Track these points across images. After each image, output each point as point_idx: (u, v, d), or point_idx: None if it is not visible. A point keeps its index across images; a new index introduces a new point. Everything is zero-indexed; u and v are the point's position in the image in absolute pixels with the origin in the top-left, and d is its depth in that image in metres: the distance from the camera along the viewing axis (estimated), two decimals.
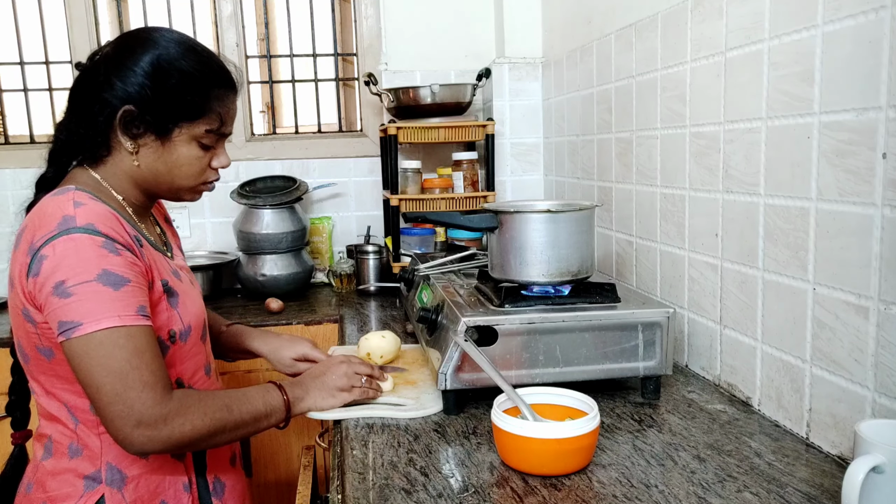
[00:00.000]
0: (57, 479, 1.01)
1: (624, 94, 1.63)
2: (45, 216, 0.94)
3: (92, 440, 1.01)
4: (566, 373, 1.18)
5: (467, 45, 2.50)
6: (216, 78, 1.05)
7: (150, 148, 1.03)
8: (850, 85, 0.92)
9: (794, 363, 1.07)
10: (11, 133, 2.54)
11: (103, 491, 1.00)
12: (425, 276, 1.57)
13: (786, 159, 1.06)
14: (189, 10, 2.52)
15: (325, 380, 1.18)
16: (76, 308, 0.89)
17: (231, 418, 1.00)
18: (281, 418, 1.09)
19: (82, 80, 1.05)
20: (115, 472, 1.01)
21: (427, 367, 1.41)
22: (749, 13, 1.14)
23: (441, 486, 0.92)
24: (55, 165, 1.06)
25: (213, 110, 1.05)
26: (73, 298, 0.89)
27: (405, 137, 2.15)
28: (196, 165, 1.06)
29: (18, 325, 0.99)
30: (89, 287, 0.90)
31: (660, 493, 0.89)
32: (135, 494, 1.02)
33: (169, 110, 1.01)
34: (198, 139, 1.04)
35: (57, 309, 0.90)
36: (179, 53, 1.02)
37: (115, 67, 1.00)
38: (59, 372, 0.99)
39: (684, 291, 1.39)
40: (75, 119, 1.04)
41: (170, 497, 1.05)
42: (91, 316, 0.89)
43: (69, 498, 1.00)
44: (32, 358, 1.00)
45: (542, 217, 1.25)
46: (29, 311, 0.95)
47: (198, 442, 0.97)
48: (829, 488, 0.89)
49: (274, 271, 2.26)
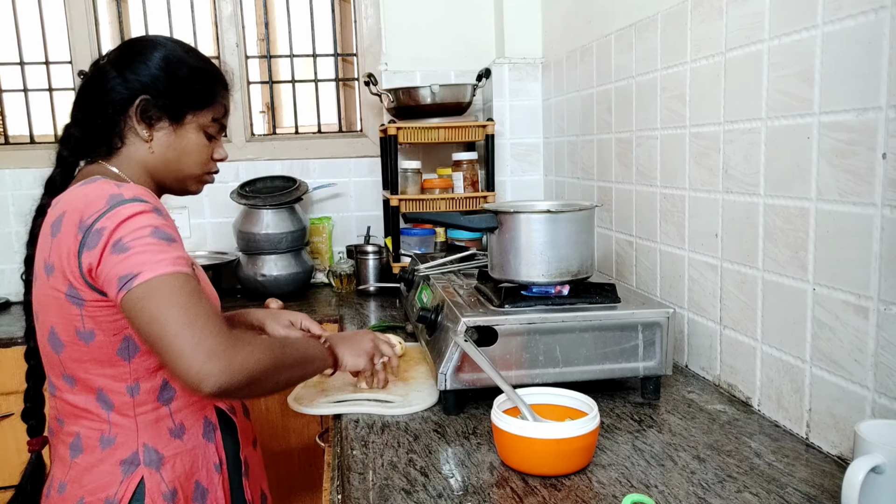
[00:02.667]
0: (93, 472, 1.02)
1: (624, 94, 1.63)
2: (89, 198, 0.97)
3: (127, 424, 1.02)
4: (566, 373, 1.18)
5: (467, 45, 2.50)
6: (217, 74, 1.15)
7: (164, 133, 1.09)
8: (849, 85, 0.92)
9: (794, 363, 1.07)
10: (11, 133, 2.54)
11: (142, 473, 1.02)
12: (425, 277, 1.57)
13: (786, 159, 1.06)
14: (189, 11, 2.52)
15: (354, 339, 1.23)
16: (134, 260, 0.92)
17: (287, 353, 1.02)
18: (327, 364, 1.14)
19: (90, 81, 1.09)
20: (152, 452, 1.03)
21: (421, 364, 1.41)
22: (749, 13, 1.14)
23: (441, 487, 0.92)
24: (62, 167, 1.10)
25: (218, 101, 1.14)
26: (131, 252, 0.92)
27: (405, 138, 2.15)
28: (203, 153, 1.13)
29: (56, 311, 0.99)
30: (145, 241, 0.93)
31: (660, 493, 0.89)
32: (172, 474, 1.03)
33: (181, 97, 1.09)
34: (205, 128, 1.12)
35: (115, 265, 0.92)
36: (184, 51, 1.12)
37: (127, 64, 1.07)
38: (97, 356, 1.00)
39: (684, 291, 1.39)
40: (88, 115, 1.08)
41: (203, 477, 1.08)
42: (149, 265, 0.92)
43: (109, 486, 1.01)
44: (68, 345, 1.00)
45: (542, 217, 1.25)
46: (77, 290, 0.96)
47: (265, 375, 0.96)
48: (829, 488, 0.89)
49: (274, 271, 2.26)
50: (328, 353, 1.15)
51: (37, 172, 2.41)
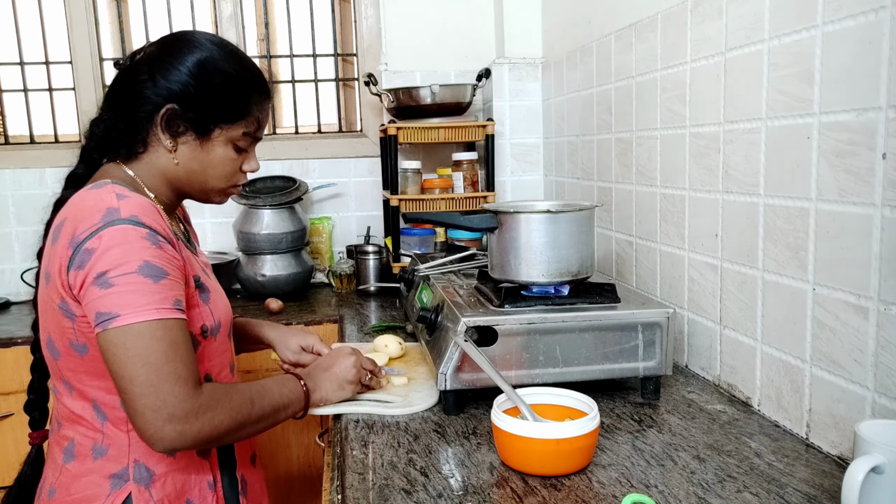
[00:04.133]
0: (81, 481, 1.00)
1: (624, 94, 1.63)
2: (86, 209, 0.93)
3: (120, 437, 1.00)
4: (566, 373, 1.18)
5: (467, 45, 2.50)
6: (255, 82, 1.08)
7: (189, 147, 1.04)
8: (849, 85, 0.92)
9: (794, 363, 1.07)
10: (11, 133, 2.54)
11: (130, 489, 0.99)
12: (425, 277, 1.57)
13: (786, 159, 1.06)
14: (189, 11, 2.53)
15: (335, 372, 1.20)
16: (115, 299, 0.89)
17: (254, 411, 1.01)
18: (298, 409, 1.11)
19: (123, 77, 1.05)
20: (142, 469, 1.00)
21: (422, 365, 1.41)
22: (749, 13, 1.14)
23: (441, 487, 0.92)
24: (86, 162, 1.07)
25: (252, 114, 1.07)
26: (114, 289, 0.89)
27: (405, 138, 2.15)
28: (229, 167, 1.08)
29: (52, 320, 0.98)
30: (130, 279, 0.90)
31: (660, 493, 0.89)
32: (162, 493, 1.01)
33: (211, 110, 1.03)
34: (234, 142, 1.06)
35: (96, 300, 0.90)
36: (222, 56, 1.04)
37: (159, 65, 1.02)
38: (90, 368, 0.98)
39: (684, 291, 1.39)
40: (114, 114, 1.05)
41: (195, 496, 1.05)
42: (130, 308, 0.89)
43: (96, 499, 0.99)
44: (64, 354, 0.99)
45: (542, 217, 1.25)
46: (68, 304, 0.94)
47: (223, 436, 0.97)
48: (829, 488, 0.89)
49: (274, 271, 2.26)
50: (303, 397, 1.12)
51: (37, 172, 2.45)
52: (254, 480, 1.19)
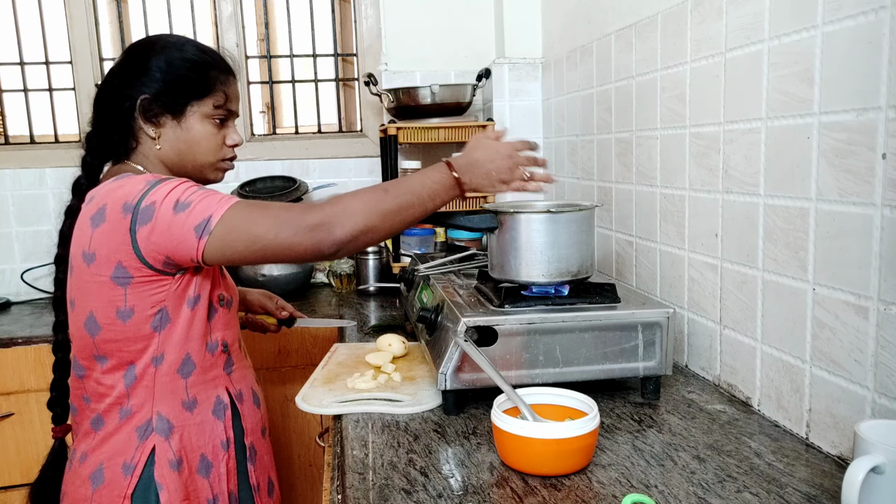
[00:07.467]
0: (112, 439, 1.10)
1: (624, 94, 1.63)
2: (126, 185, 1.04)
3: (145, 392, 1.10)
4: (566, 373, 1.18)
5: (467, 46, 2.50)
6: (215, 61, 1.19)
7: (169, 129, 1.14)
8: (849, 85, 0.92)
9: (794, 363, 1.07)
10: (11, 133, 2.54)
11: (154, 441, 1.09)
12: (425, 277, 1.57)
13: (785, 159, 1.06)
14: (189, 11, 2.52)
15: (491, 168, 1.15)
16: (200, 207, 1.01)
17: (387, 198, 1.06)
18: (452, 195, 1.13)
19: (101, 90, 1.17)
20: (164, 421, 1.10)
21: (425, 364, 1.41)
22: (749, 13, 1.14)
23: (441, 487, 0.92)
24: (89, 171, 1.17)
25: (217, 88, 1.17)
26: (194, 204, 1.02)
27: (405, 138, 2.15)
28: (213, 141, 1.18)
29: (96, 294, 1.06)
30: (199, 193, 1.03)
31: (660, 493, 0.89)
32: (179, 444, 1.11)
33: (179, 91, 1.13)
34: (209, 116, 1.16)
35: (186, 220, 1.00)
36: (181, 44, 1.17)
37: (128, 68, 1.15)
38: (130, 334, 1.07)
39: (684, 291, 1.39)
40: (103, 123, 1.16)
41: (209, 451, 1.14)
42: (215, 206, 1.02)
43: (126, 452, 1.09)
44: (105, 327, 1.07)
45: (542, 217, 1.25)
46: (126, 269, 1.03)
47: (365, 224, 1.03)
48: (829, 488, 0.89)
49: (274, 271, 2.26)
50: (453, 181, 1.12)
51: (37, 172, 2.45)
52: (263, 452, 1.27)
